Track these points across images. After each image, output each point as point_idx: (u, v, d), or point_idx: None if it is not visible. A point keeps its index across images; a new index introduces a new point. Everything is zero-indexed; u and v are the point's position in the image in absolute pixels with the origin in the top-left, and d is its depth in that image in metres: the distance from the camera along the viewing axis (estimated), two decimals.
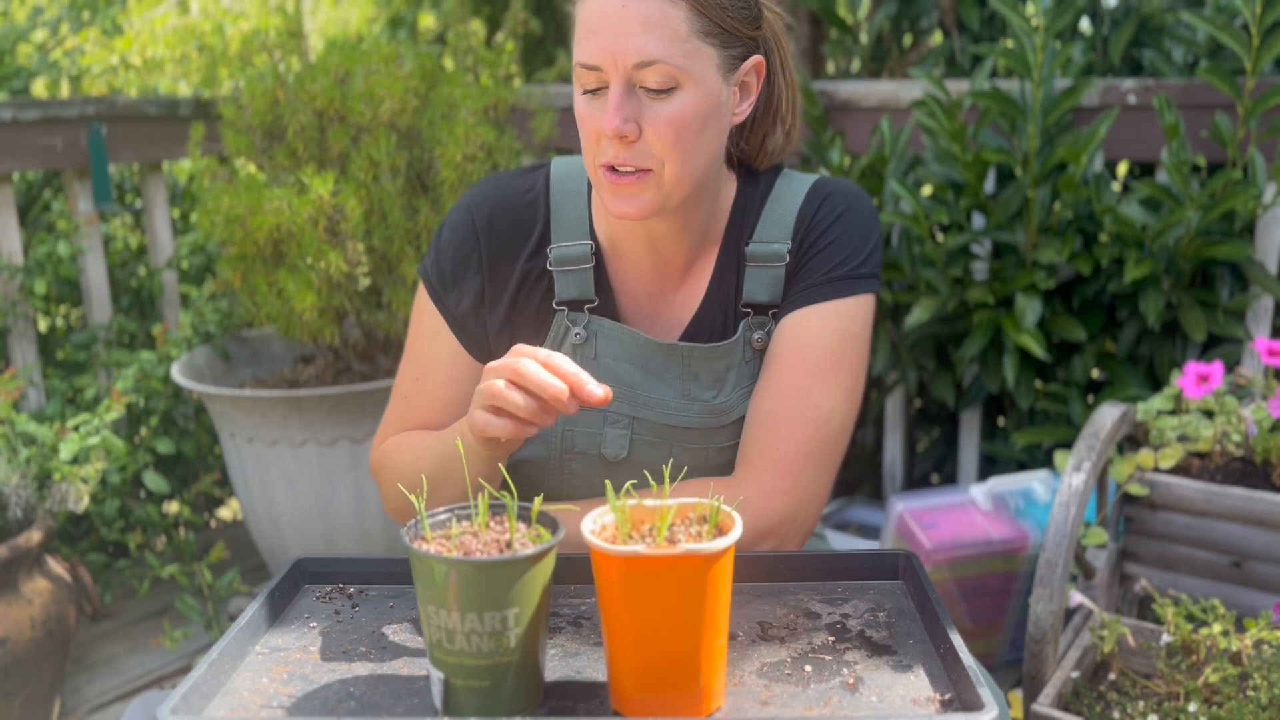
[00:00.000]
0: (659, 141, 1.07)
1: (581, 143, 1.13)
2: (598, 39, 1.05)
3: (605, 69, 1.06)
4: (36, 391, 2.41)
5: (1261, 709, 1.20)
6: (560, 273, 1.20)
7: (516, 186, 1.23)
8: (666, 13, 1.04)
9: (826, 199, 1.22)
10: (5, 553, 1.75)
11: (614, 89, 1.06)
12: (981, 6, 2.33)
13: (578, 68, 1.08)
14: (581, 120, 1.11)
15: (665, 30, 1.04)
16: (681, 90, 1.06)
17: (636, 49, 1.04)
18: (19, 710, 1.81)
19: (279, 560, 2.29)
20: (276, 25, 2.45)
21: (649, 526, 0.84)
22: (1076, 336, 1.99)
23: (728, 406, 1.21)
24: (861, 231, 1.21)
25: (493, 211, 1.21)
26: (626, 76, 1.05)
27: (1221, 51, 2.03)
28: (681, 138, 1.07)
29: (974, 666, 0.83)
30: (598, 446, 1.21)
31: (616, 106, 1.05)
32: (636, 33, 1.04)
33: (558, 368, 0.94)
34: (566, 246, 1.20)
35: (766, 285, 1.21)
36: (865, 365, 1.21)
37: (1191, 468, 1.52)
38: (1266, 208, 1.87)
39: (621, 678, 0.81)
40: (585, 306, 1.21)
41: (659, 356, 1.19)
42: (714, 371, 1.20)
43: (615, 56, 1.05)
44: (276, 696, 0.85)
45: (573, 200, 1.22)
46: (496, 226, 1.20)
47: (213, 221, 2.12)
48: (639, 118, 1.06)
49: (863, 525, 2.35)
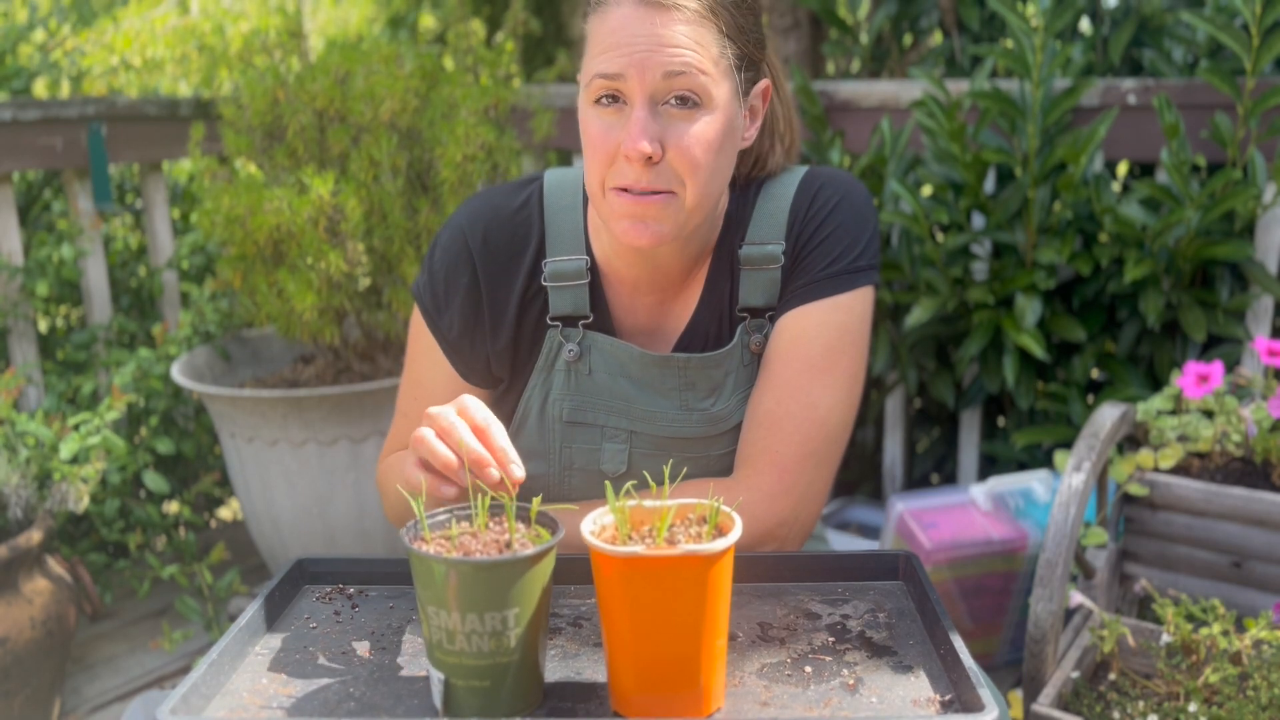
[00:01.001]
0: (683, 162, 1.04)
1: (587, 163, 1.09)
2: (622, 51, 1.02)
3: (630, 80, 1.02)
4: (36, 391, 2.41)
5: (1261, 709, 1.20)
6: (555, 288, 1.18)
7: (509, 203, 1.20)
8: (697, 31, 1.02)
9: (819, 191, 1.19)
10: (5, 553, 1.75)
11: (639, 105, 1.02)
12: (981, 6, 2.33)
13: (594, 80, 1.04)
14: (592, 139, 1.06)
15: (694, 44, 1.02)
16: (705, 110, 1.04)
17: (665, 60, 1.01)
18: (19, 710, 1.81)
19: (279, 560, 2.29)
20: (276, 25, 2.45)
21: (649, 527, 0.84)
22: (1076, 336, 1.99)
23: (726, 413, 1.20)
24: (857, 223, 1.18)
25: (487, 230, 1.18)
26: (652, 90, 1.02)
27: (1221, 51, 2.03)
28: (704, 158, 1.04)
29: (974, 668, 0.83)
30: (597, 462, 1.21)
31: (642, 126, 1.02)
32: (667, 45, 1.01)
33: (488, 437, 0.93)
34: (561, 262, 1.18)
35: (762, 288, 1.19)
36: (865, 359, 1.20)
37: (1191, 468, 1.52)
38: (1266, 208, 1.87)
39: (621, 678, 0.81)
40: (580, 322, 1.19)
41: (655, 369, 1.18)
42: (711, 380, 1.19)
43: (644, 67, 1.01)
44: (276, 697, 0.85)
45: (567, 214, 1.20)
46: (492, 246, 1.18)
47: (213, 221, 2.12)
48: (662, 137, 1.03)
49: (863, 525, 2.35)
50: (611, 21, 1.03)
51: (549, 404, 1.20)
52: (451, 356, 1.21)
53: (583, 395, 1.20)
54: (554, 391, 1.20)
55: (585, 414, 1.20)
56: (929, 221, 2.03)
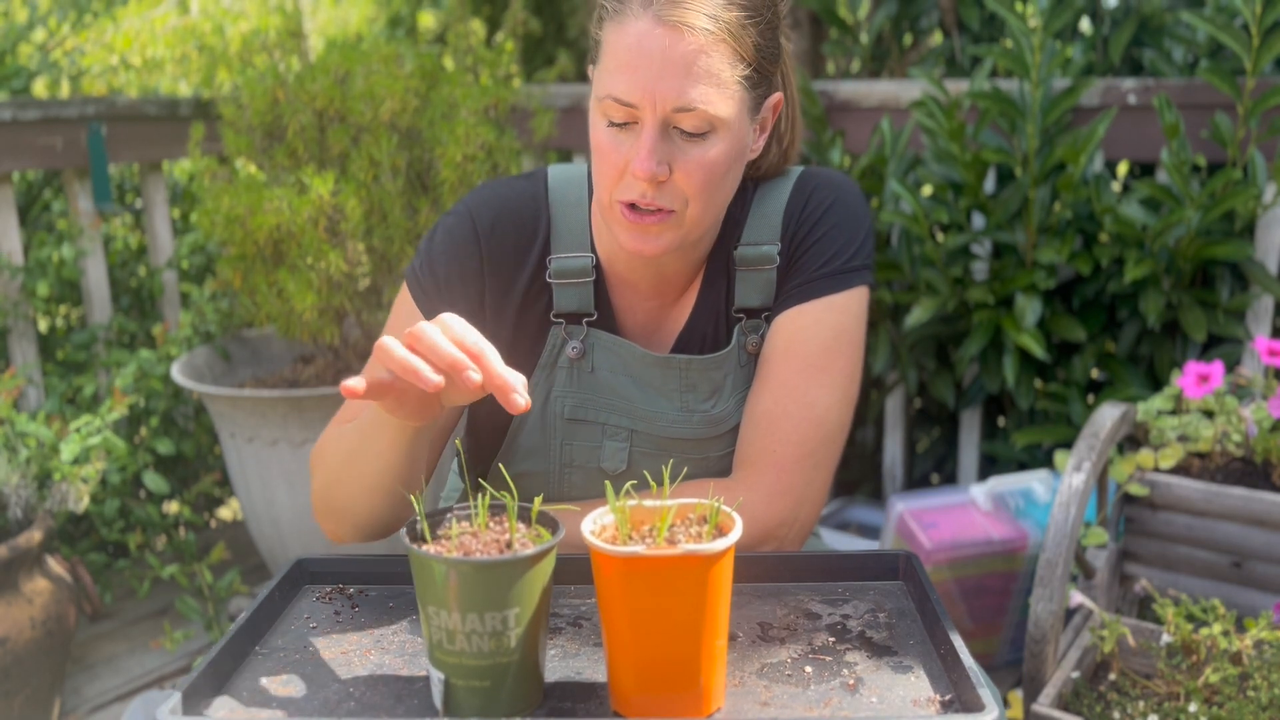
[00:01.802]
0: (688, 184, 1.05)
1: (596, 171, 1.09)
2: (637, 76, 1.01)
3: (641, 108, 1.02)
4: (36, 391, 2.41)
5: (1261, 709, 1.20)
6: (560, 285, 1.18)
7: (518, 194, 1.20)
8: (710, 57, 1.01)
9: (814, 192, 1.19)
10: (5, 553, 1.75)
11: (648, 130, 1.03)
12: (981, 6, 2.33)
13: (607, 100, 1.04)
14: (603, 152, 1.07)
15: (708, 75, 1.01)
16: (715, 134, 1.04)
17: (677, 94, 1.01)
18: (19, 710, 1.81)
19: (279, 560, 2.29)
20: (276, 25, 2.45)
21: (649, 527, 0.84)
22: (1076, 336, 1.99)
23: (725, 415, 1.20)
24: (851, 223, 1.19)
25: (496, 218, 1.17)
26: (663, 119, 1.02)
27: (1222, 51, 2.03)
28: (709, 181, 1.06)
29: (974, 668, 0.83)
30: (597, 460, 1.20)
31: (650, 150, 1.02)
32: (679, 75, 1.00)
33: (460, 338, 0.88)
34: (567, 259, 1.18)
35: (758, 289, 1.19)
36: (861, 359, 1.20)
37: (1191, 468, 1.52)
38: (1266, 208, 1.87)
39: (621, 678, 0.81)
40: (584, 320, 1.19)
41: (656, 369, 1.18)
42: (712, 382, 1.19)
43: (654, 97, 1.01)
44: (276, 697, 0.85)
45: (574, 211, 1.19)
46: (500, 233, 1.17)
47: (213, 221, 2.12)
48: (670, 159, 1.04)
49: (863, 525, 2.35)
50: (628, 37, 1.02)
51: (550, 401, 1.20)
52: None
53: (585, 393, 1.20)
54: (556, 389, 1.20)
55: (587, 411, 1.20)
56: (929, 221, 2.03)
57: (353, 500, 1.09)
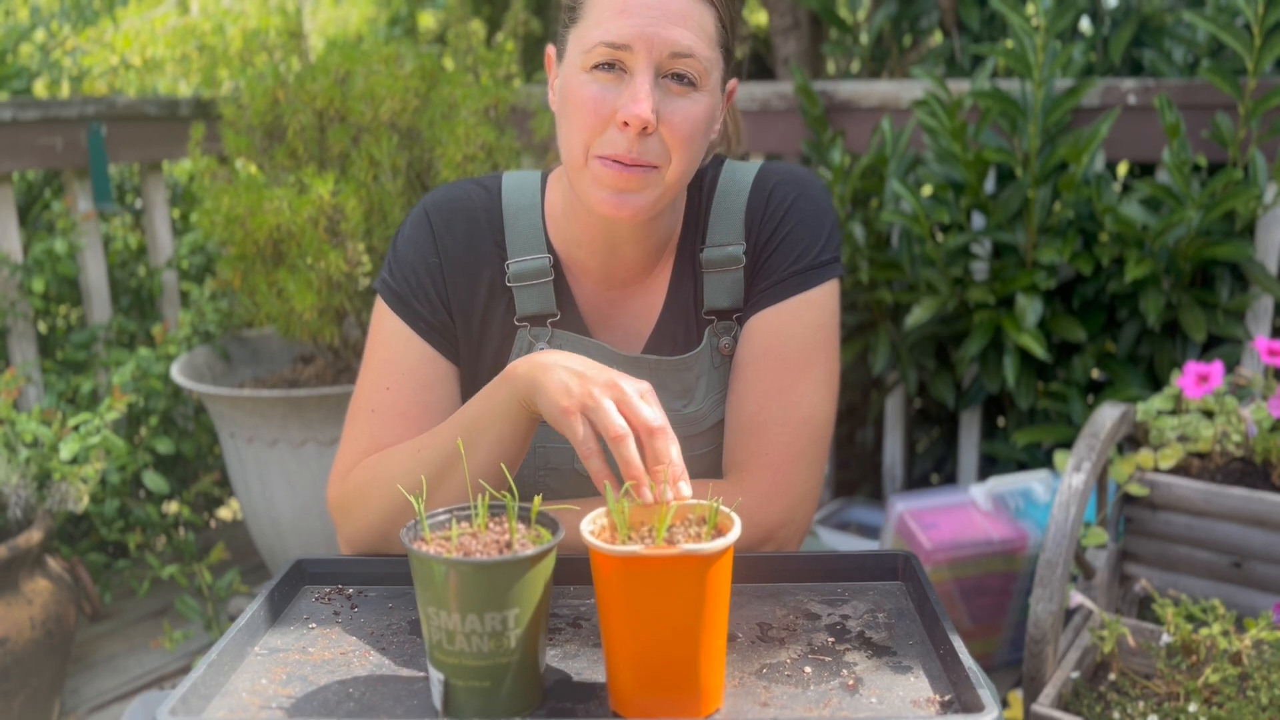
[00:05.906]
0: (673, 137, 1.05)
1: (570, 127, 1.07)
2: (633, 19, 1.02)
3: (636, 51, 1.03)
4: (36, 390, 2.41)
5: (1261, 709, 1.20)
6: (520, 288, 1.18)
7: (471, 196, 1.20)
8: (702, 13, 1.05)
9: (774, 189, 1.19)
10: (5, 553, 1.75)
11: (643, 75, 1.03)
12: (982, 6, 2.33)
13: (598, 47, 1.03)
14: (584, 103, 1.05)
15: (700, 29, 1.05)
16: (700, 91, 1.06)
17: (676, 38, 1.03)
18: (19, 710, 1.81)
19: (279, 560, 2.29)
20: (276, 25, 2.46)
21: (648, 527, 0.84)
22: (1077, 336, 1.99)
23: (700, 415, 1.19)
24: (816, 218, 1.18)
25: (450, 217, 1.18)
26: (657, 64, 1.03)
27: (1223, 51, 2.03)
28: (692, 138, 1.06)
29: (974, 668, 0.83)
30: (570, 462, 1.20)
31: (647, 93, 1.03)
32: (676, 23, 1.03)
33: (658, 442, 0.89)
34: (523, 261, 1.18)
35: (727, 290, 1.19)
36: (838, 350, 1.20)
37: (1191, 468, 1.52)
38: (1267, 208, 1.87)
39: (620, 679, 0.81)
40: (548, 321, 1.19)
41: (625, 369, 1.17)
42: (683, 382, 1.19)
43: (652, 41, 1.02)
44: (276, 697, 0.85)
45: (526, 214, 1.19)
46: (455, 232, 1.17)
47: (213, 221, 2.12)
48: (658, 110, 1.04)
49: (863, 525, 2.35)
50: None
51: None
52: (431, 336, 1.17)
53: None
54: None
55: None
56: (929, 221, 2.03)
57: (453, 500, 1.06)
